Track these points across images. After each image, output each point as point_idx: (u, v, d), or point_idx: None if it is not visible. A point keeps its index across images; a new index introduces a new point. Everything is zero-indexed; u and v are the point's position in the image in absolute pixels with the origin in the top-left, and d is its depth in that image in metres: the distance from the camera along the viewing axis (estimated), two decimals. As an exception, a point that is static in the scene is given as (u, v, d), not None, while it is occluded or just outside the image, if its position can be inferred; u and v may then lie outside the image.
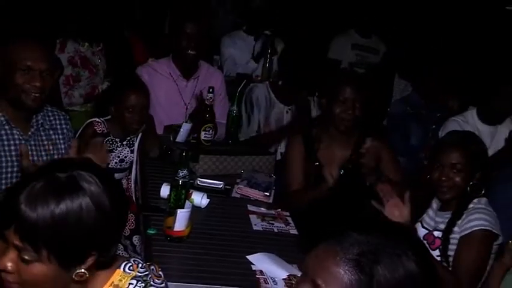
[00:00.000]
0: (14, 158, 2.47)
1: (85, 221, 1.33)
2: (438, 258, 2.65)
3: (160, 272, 1.58)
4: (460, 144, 2.72)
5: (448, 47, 5.43)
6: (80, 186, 1.34)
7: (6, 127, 2.48)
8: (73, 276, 1.39)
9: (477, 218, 2.57)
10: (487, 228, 2.53)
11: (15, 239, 1.30)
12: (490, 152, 3.60)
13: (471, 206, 2.63)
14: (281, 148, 3.73)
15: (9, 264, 1.34)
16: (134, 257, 1.58)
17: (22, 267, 1.34)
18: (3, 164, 2.46)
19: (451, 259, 2.63)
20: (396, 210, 2.57)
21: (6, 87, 2.42)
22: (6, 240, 1.33)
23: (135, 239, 2.50)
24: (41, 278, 1.36)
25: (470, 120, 3.74)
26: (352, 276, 1.19)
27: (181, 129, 3.47)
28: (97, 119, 3.13)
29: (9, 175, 2.47)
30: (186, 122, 3.52)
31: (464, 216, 2.62)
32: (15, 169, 2.47)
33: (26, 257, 1.32)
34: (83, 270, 1.39)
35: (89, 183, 1.36)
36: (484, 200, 2.66)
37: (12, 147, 2.49)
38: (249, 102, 3.95)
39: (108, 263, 1.49)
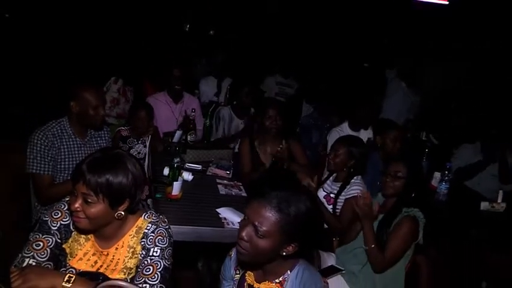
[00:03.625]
0: (76, 156, 2.43)
1: (125, 182, 1.39)
2: (331, 211, 2.70)
3: (166, 220, 1.59)
4: (342, 142, 2.78)
5: (334, 87, 5.45)
6: (124, 162, 1.41)
7: (73, 136, 2.43)
8: (115, 216, 1.44)
9: (354, 188, 2.63)
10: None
11: (83, 189, 1.36)
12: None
13: (352, 180, 2.68)
14: (237, 145, 3.68)
15: (77, 206, 1.37)
16: (150, 210, 1.61)
17: (85, 207, 1.37)
18: (70, 160, 2.40)
19: (337, 212, 2.69)
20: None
21: (83, 116, 2.39)
22: (75, 192, 1.38)
23: (149, 201, 2.49)
24: (97, 213, 1.39)
25: (344, 129, 3.69)
26: (276, 217, 1.29)
27: (175, 134, 3.46)
28: (123, 127, 3.17)
29: (71, 168, 2.37)
30: (178, 130, 3.50)
31: (348, 186, 2.68)
32: (75, 163, 2.34)
33: (89, 200, 1.36)
34: (121, 212, 1.44)
35: (129, 160, 1.43)
36: (359, 177, 2.71)
37: (76, 149, 2.44)
38: (216, 118, 3.94)
39: (134, 210, 1.52)
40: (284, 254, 1.35)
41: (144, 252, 1.49)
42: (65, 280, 1.32)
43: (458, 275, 2.92)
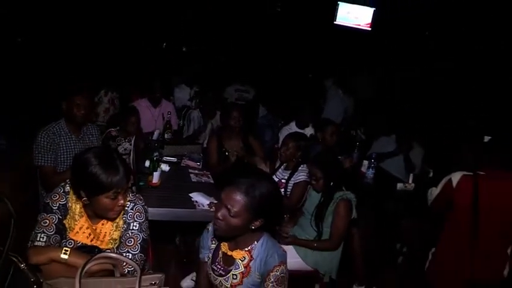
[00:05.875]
0: (73, 151, 2.40)
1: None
2: (283, 193, 2.70)
3: (142, 198, 1.60)
4: (291, 138, 2.81)
5: (286, 94, 5.53)
6: (118, 154, 1.46)
7: (69, 134, 2.43)
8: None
9: (301, 174, 2.67)
10: (306, 180, 2.62)
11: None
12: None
13: (299, 168, 2.71)
14: (205, 141, 3.71)
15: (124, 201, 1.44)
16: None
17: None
18: (68, 154, 2.40)
19: (288, 194, 2.70)
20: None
21: (69, 114, 2.40)
22: (118, 193, 1.39)
23: (134, 189, 2.49)
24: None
25: (292, 127, 3.62)
26: (245, 199, 1.33)
27: (155, 133, 3.47)
28: (112, 129, 3.11)
29: (69, 160, 2.36)
30: (157, 129, 3.51)
31: (296, 173, 2.70)
32: (72, 156, 2.33)
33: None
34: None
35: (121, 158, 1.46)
36: (305, 165, 2.70)
37: (72, 145, 2.43)
38: (187, 119, 3.94)
39: None
40: (253, 227, 1.40)
41: (125, 226, 1.52)
42: (62, 253, 1.35)
43: (381, 240, 3.08)
